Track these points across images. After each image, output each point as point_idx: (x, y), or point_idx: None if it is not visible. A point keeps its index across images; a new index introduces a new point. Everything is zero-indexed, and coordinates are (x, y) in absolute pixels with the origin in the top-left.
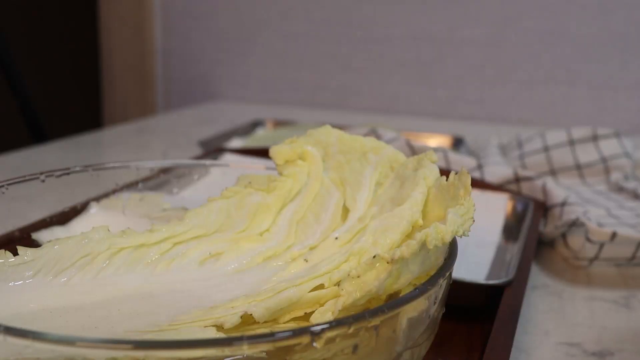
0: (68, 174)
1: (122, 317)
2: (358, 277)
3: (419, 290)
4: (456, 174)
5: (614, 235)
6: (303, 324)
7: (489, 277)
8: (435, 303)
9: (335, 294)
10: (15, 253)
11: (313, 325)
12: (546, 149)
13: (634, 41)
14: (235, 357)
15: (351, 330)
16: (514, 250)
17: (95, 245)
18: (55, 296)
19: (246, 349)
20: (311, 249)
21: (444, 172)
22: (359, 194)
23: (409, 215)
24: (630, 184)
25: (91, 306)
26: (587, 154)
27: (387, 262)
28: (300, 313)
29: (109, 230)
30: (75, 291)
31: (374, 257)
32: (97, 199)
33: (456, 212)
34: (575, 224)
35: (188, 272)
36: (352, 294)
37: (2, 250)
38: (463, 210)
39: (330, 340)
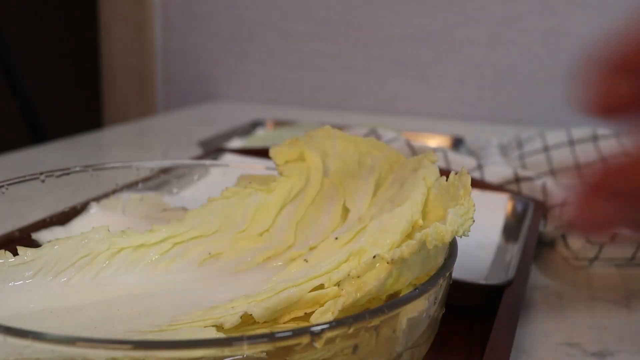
0: (68, 174)
1: (122, 317)
2: (358, 277)
3: (419, 290)
4: (456, 174)
5: (614, 235)
6: (303, 324)
7: (489, 277)
8: (435, 303)
9: (335, 294)
10: (15, 253)
11: (313, 325)
12: (546, 149)
13: None
14: (235, 357)
15: (351, 330)
16: (514, 250)
17: (95, 245)
18: (55, 296)
19: (246, 349)
20: (311, 249)
21: (444, 172)
22: (359, 194)
23: (409, 215)
24: None
25: (91, 306)
26: (587, 154)
27: (387, 262)
28: (300, 313)
29: (109, 230)
30: (75, 291)
31: (374, 257)
32: (97, 199)
33: (456, 212)
34: None
35: (188, 272)
36: (352, 294)
37: (2, 250)
38: (463, 210)
39: (330, 341)
